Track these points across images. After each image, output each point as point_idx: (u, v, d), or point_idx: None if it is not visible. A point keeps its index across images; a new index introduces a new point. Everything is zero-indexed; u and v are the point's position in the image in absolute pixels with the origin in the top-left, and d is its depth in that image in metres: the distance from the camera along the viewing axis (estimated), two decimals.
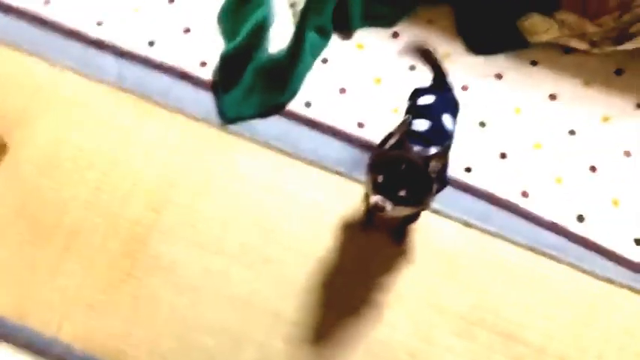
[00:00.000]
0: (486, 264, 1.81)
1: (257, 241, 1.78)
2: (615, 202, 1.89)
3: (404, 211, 1.44)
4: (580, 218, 1.86)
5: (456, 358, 1.70)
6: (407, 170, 1.33)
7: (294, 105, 1.93)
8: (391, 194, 1.33)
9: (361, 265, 1.77)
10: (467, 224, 1.84)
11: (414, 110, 1.60)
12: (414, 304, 1.75)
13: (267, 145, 1.88)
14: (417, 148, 1.40)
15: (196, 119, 1.89)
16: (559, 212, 1.86)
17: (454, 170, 1.87)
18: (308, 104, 1.93)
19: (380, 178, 1.34)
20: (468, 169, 1.89)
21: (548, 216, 1.86)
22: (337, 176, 1.86)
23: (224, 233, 1.78)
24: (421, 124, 1.52)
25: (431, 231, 1.83)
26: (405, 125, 1.41)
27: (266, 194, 1.83)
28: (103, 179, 1.81)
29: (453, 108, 1.63)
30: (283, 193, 1.83)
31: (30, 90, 1.89)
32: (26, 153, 1.82)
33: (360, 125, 1.92)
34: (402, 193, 1.33)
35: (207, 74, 1.95)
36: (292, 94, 1.93)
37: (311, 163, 1.87)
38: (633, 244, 1.85)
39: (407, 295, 1.76)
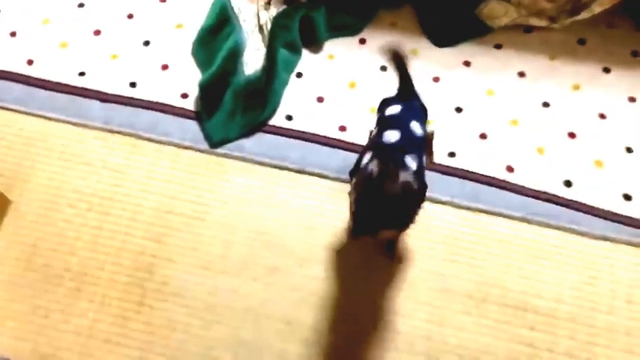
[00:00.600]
0: (484, 241, 1.79)
1: (259, 253, 1.77)
2: (598, 163, 1.89)
3: (389, 233, 1.45)
4: (567, 183, 1.85)
5: (470, 336, 1.67)
6: (382, 207, 1.34)
7: (277, 120, 1.95)
8: (366, 231, 1.38)
9: (365, 261, 1.75)
10: (459, 206, 1.83)
11: (383, 121, 1.58)
12: (420, 290, 1.73)
13: (255, 161, 1.89)
14: (404, 174, 1.36)
15: (185, 147, 1.91)
16: (546, 181, 1.86)
17: (439, 157, 1.87)
18: (289, 117, 1.95)
19: (357, 212, 1.38)
20: (452, 154, 1.89)
21: (536, 186, 1.85)
22: (326, 180, 1.87)
23: (226, 251, 1.77)
24: (392, 135, 1.50)
25: (426, 218, 1.82)
26: (378, 145, 1.45)
27: (261, 207, 1.83)
28: (103, 218, 1.81)
29: (420, 114, 1.61)
30: (277, 204, 1.83)
31: (23, 145, 1.91)
32: (28, 205, 1.83)
33: (342, 129, 1.93)
34: (377, 227, 1.37)
35: (189, 104, 1.97)
36: (273, 110, 1.95)
37: (300, 171, 1.87)
38: (622, 199, 1.84)
39: (412, 283, 1.74)
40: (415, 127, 1.54)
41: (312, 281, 1.73)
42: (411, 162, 1.44)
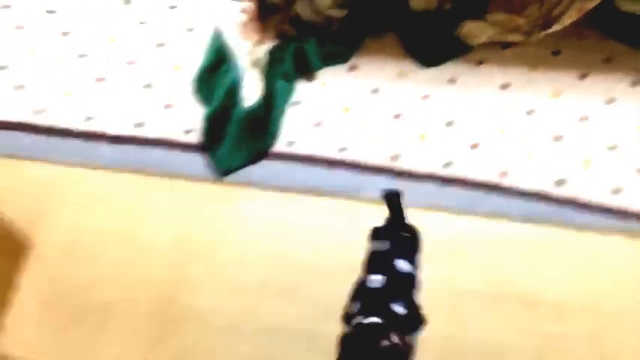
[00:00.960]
0: (488, 243, 1.85)
1: (276, 273, 1.80)
2: (586, 162, 1.97)
3: None
4: (559, 183, 1.93)
5: (487, 332, 1.71)
6: None
7: (279, 146, 2.01)
8: None
9: None
10: (460, 213, 1.89)
11: (369, 260, 1.51)
12: (435, 295, 1.75)
13: (262, 186, 1.94)
14: (385, 343, 1.28)
15: (194, 180, 1.95)
16: (539, 182, 1.93)
17: (434, 168, 1.94)
18: (290, 143, 2.01)
19: None
20: (447, 164, 1.96)
21: (530, 188, 1.92)
22: (332, 199, 1.92)
23: (243, 274, 1.80)
24: (375, 280, 1.43)
25: (430, 226, 1.85)
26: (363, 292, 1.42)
27: (273, 230, 1.87)
28: (122, 253, 1.84)
29: (407, 250, 1.52)
30: (288, 225, 1.88)
31: (38, 192, 1.94)
32: (48, 246, 1.85)
33: (342, 150, 1.99)
34: None
35: (194, 139, 2.02)
36: (274, 137, 2.01)
37: (305, 192, 1.92)
38: (612, 193, 1.91)
39: (426, 288, 1.76)
40: (401, 264, 1.46)
41: (331, 295, 1.74)
42: (400, 309, 1.38)
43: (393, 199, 1.58)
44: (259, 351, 1.68)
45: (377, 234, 1.54)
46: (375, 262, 1.48)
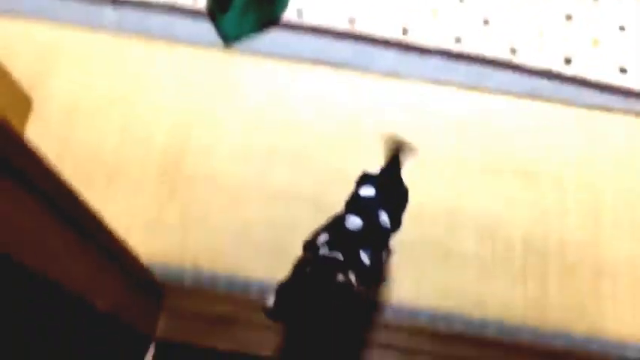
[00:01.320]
0: (491, 120, 1.84)
1: (282, 141, 1.78)
2: (595, 42, 1.93)
3: None
4: (567, 61, 1.89)
5: (487, 199, 1.73)
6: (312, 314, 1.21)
7: (288, 16, 1.93)
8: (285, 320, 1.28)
9: None
10: (466, 88, 1.86)
11: (352, 202, 1.42)
12: (437, 167, 1.76)
13: (270, 55, 1.88)
14: (341, 276, 1.20)
15: (200, 47, 1.88)
16: (547, 59, 1.90)
17: (444, 42, 1.89)
18: (300, 13, 1.93)
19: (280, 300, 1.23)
20: (457, 40, 1.91)
21: (538, 64, 1.88)
22: (339, 70, 1.87)
23: (250, 140, 1.78)
24: (354, 222, 1.33)
25: (434, 101, 1.85)
26: (337, 229, 1.33)
27: (280, 99, 1.83)
28: (126, 118, 1.80)
29: (394, 203, 1.44)
30: (296, 95, 1.84)
31: (40, 53, 1.86)
32: (50, 108, 1.80)
33: (351, 21, 1.92)
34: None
35: (201, 4, 1.93)
36: (284, 6, 1.93)
37: (314, 63, 1.87)
38: (619, 73, 1.88)
39: (429, 159, 1.77)
40: (384, 218, 1.37)
41: (335, 163, 1.75)
42: (365, 258, 1.30)
43: (399, 149, 1.47)
44: (265, 215, 1.69)
45: (367, 180, 1.44)
46: (359, 205, 1.39)
